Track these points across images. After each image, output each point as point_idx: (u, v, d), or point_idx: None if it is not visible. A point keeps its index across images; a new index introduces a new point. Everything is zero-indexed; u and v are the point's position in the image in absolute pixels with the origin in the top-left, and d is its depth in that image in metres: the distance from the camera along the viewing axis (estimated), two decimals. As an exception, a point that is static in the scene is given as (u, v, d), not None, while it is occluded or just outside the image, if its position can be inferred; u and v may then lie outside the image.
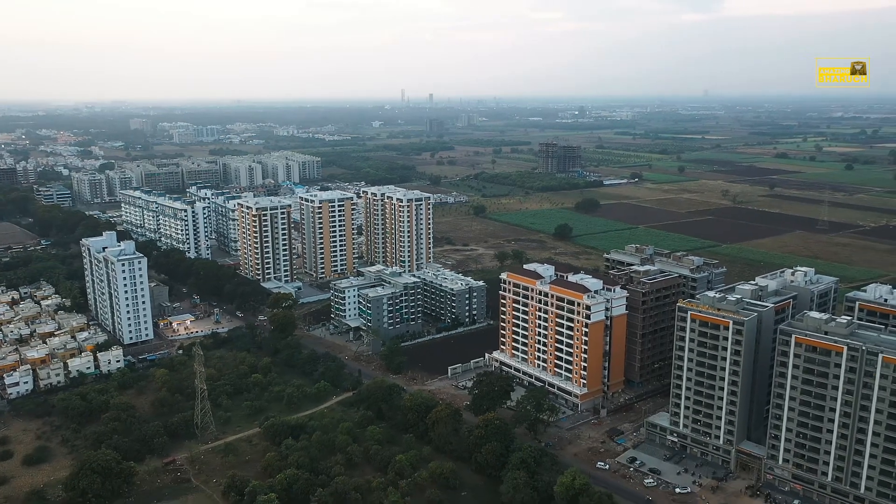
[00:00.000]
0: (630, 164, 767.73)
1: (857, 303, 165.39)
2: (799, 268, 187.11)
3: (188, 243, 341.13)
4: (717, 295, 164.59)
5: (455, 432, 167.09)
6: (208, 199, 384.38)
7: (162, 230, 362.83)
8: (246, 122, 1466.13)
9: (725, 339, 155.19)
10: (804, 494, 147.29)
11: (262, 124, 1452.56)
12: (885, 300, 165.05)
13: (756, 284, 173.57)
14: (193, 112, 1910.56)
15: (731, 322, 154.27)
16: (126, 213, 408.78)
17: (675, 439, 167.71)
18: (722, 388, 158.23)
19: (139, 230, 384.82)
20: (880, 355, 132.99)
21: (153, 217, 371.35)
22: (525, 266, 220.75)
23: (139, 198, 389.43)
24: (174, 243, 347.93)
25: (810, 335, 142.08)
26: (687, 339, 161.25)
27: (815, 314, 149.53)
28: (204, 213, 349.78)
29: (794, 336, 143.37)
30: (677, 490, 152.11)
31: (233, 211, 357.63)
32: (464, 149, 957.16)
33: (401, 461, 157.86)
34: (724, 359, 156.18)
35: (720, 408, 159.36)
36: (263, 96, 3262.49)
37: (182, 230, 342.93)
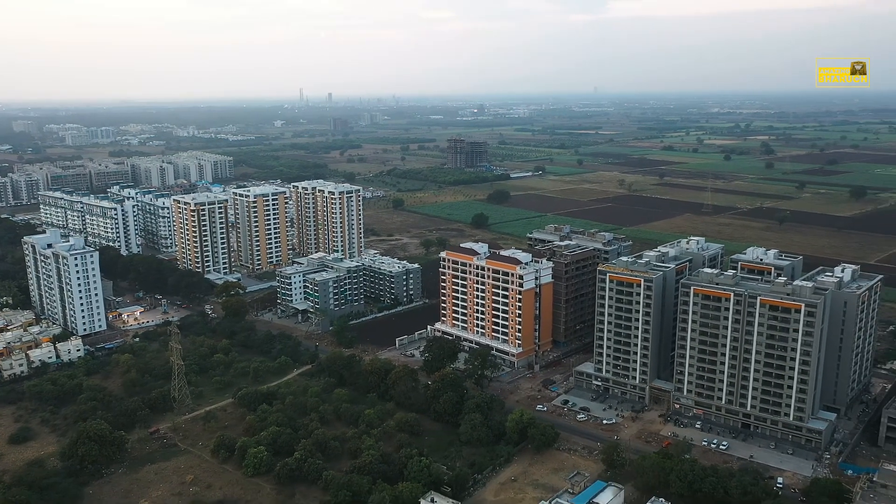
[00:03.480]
0: (532, 158, 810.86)
1: (740, 262, 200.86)
2: (692, 237, 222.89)
3: (119, 241, 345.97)
4: (630, 259, 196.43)
5: (414, 389, 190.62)
6: (133, 197, 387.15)
7: (89, 229, 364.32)
8: (141, 123, 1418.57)
9: (638, 294, 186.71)
10: (704, 417, 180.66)
11: (158, 125, 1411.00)
12: (761, 259, 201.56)
13: (659, 251, 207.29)
14: (80, 113, 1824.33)
15: (642, 280, 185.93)
16: (46, 214, 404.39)
17: (599, 383, 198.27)
18: (636, 336, 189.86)
19: (62, 231, 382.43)
20: (758, 298, 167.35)
21: (78, 217, 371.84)
22: (462, 245, 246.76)
23: (61, 198, 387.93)
24: (103, 242, 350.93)
25: (705, 286, 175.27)
26: (606, 297, 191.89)
27: (707, 270, 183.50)
28: (133, 211, 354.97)
29: (692, 287, 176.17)
30: (604, 422, 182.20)
31: (162, 208, 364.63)
32: (372, 147, 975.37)
33: (369, 415, 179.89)
34: (637, 311, 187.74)
35: (635, 353, 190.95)
36: (152, 96, 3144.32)
37: (112, 228, 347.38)
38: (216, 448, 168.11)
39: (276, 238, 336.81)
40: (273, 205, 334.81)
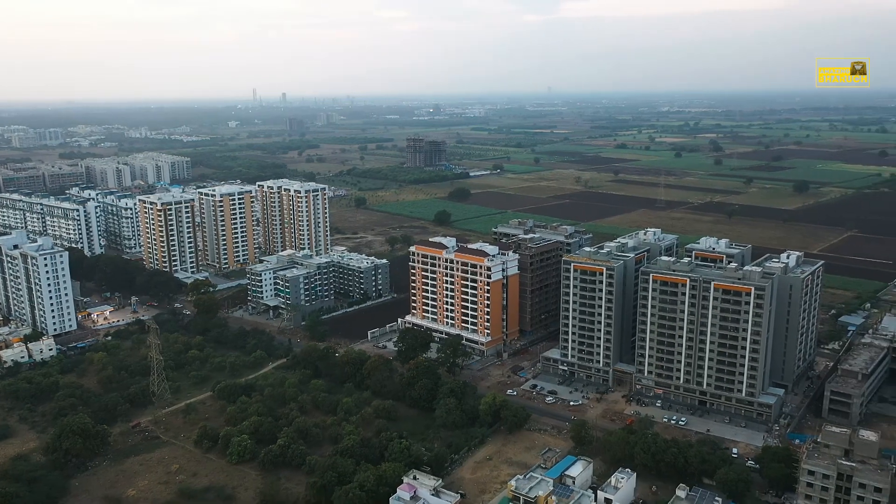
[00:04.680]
0: (490, 157, 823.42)
1: (694, 251, 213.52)
2: (649, 229, 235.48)
3: (82, 242, 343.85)
4: (592, 250, 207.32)
5: (389, 377, 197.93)
6: (94, 199, 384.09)
7: (49, 231, 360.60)
8: (90, 125, 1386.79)
9: (601, 282, 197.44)
10: (664, 396, 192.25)
11: (108, 126, 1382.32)
12: (713, 248, 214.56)
13: (619, 242, 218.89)
14: (24, 114, 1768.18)
15: (604, 269, 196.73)
16: (2, 216, 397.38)
17: (566, 367, 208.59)
18: (599, 322, 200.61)
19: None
20: (712, 283, 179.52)
21: (38, 219, 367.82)
22: (431, 239, 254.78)
23: (20, 200, 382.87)
24: (65, 243, 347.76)
25: (663, 273, 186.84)
26: (571, 285, 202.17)
27: (665, 258, 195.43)
28: (96, 213, 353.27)
29: (651, 275, 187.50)
30: (571, 403, 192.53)
31: (126, 209, 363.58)
32: (330, 147, 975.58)
33: (347, 403, 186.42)
34: (600, 298, 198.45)
35: (599, 338, 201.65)
36: (99, 97, 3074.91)
37: (74, 230, 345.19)
38: (199, 438, 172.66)
39: (242, 237, 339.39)
40: (239, 204, 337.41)
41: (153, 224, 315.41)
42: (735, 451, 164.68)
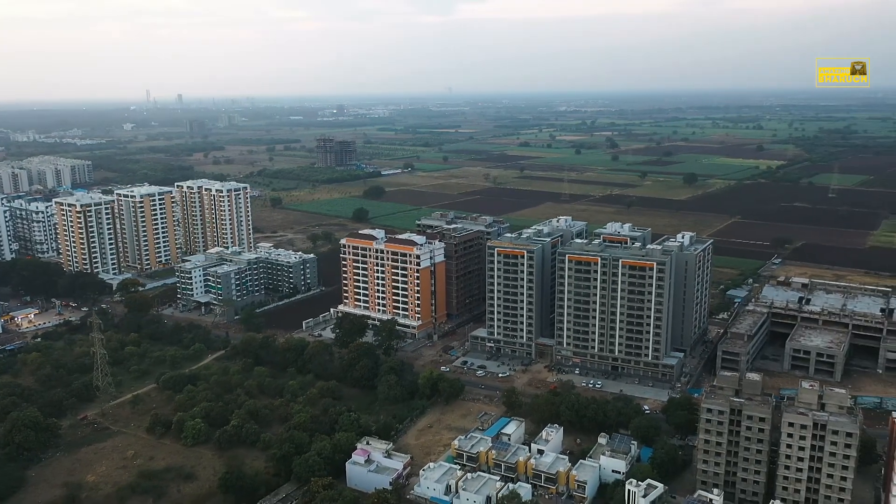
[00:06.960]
0: (399, 156, 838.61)
1: (602, 235, 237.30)
2: (561, 217, 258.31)
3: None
4: (513, 236, 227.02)
5: (330, 361, 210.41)
6: (1, 202, 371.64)
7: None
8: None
9: (522, 264, 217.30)
10: (581, 364, 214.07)
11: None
12: (619, 232, 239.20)
13: (535, 229, 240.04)
14: None
15: (525, 252, 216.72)
16: None
17: (492, 344, 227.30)
18: (522, 301, 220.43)
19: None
20: (620, 260, 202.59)
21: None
22: (360, 231, 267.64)
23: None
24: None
25: (577, 254, 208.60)
26: (495, 268, 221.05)
27: (578, 241, 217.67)
28: (4, 217, 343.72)
29: (567, 255, 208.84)
30: (500, 375, 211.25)
31: (37, 213, 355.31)
32: (236, 148, 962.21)
33: (293, 386, 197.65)
34: (522, 279, 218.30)
35: (522, 315, 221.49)
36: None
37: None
38: (152, 425, 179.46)
39: (164, 237, 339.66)
40: (160, 205, 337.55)
41: (72, 226, 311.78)
42: (646, 407, 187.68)
